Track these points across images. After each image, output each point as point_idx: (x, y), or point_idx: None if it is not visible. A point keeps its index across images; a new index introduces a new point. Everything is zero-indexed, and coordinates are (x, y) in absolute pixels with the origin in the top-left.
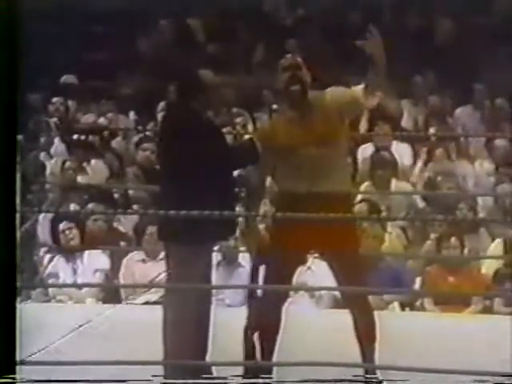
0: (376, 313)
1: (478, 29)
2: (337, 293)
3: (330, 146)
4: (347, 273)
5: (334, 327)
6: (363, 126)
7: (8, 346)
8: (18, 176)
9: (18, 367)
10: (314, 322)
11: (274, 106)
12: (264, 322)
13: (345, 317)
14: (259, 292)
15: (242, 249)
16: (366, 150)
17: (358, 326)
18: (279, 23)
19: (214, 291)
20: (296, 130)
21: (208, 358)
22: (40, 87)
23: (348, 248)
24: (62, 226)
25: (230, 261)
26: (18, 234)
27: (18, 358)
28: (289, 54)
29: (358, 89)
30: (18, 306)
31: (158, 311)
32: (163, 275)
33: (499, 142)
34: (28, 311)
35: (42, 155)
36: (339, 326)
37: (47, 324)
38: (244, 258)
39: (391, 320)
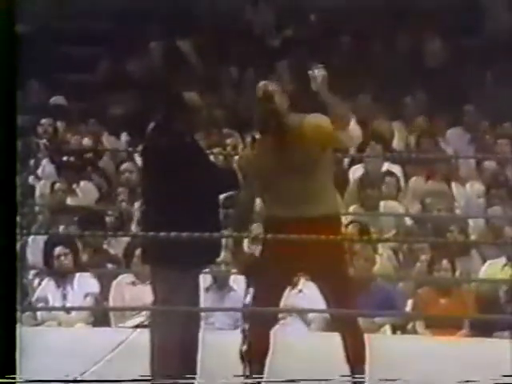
0: (367, 335)
1: (469, 51)
2: (326, 315)
3: (313, 170)
4: (337, 295)
5: (324, 349)
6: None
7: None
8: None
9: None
10: (304, 344)
11: (257, 136)
12: (252, 345)
13: (334, 339)
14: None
15: (233, 271)
16: (357, 171)
17: (347, 348)
18: (269, 44)
19: (203, 315)
20: (275, 157)
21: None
22: (29, 108)
23: (337, 270)
24: (57, 250)
25: (220, 284)
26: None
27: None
28: (262, 82)
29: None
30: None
31: None
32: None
33: (490, 164)
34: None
35: (31, 177)
36: (328, 348)
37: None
38: (235, 281)
39: (383, 343)
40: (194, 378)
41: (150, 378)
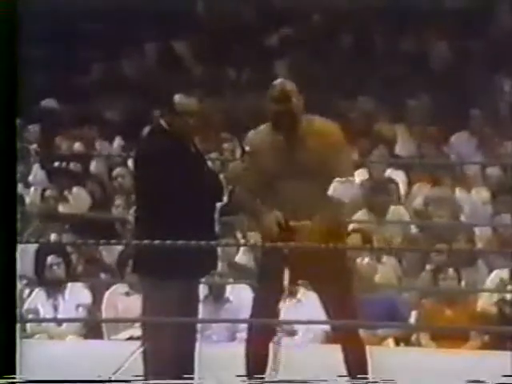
0: (369, 348)
1: (475, 53)
2: (327, 327)
3: (321, 174)
4: (337, 306)
5: (325, 362)
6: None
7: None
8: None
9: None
10: (304, 356)
11: (247, 148)
12: (252, 356)
13: (335, 352)
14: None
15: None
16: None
17: (348, 362)
18: (267, 43)
19: (200, 327)
20: (285, 160)
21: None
22: (19, 112)
23: (339, 280)
24: (49, 259)
25: (216, 296)
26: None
27: None
28: (277, 79)
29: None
30: None
31: None
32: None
33: (496, 170)
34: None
35: (21, 183)
36: (329, 361)
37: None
38: (232, 293)
39: (386, 356)
40: (193, 379)
41: (145, 377)
